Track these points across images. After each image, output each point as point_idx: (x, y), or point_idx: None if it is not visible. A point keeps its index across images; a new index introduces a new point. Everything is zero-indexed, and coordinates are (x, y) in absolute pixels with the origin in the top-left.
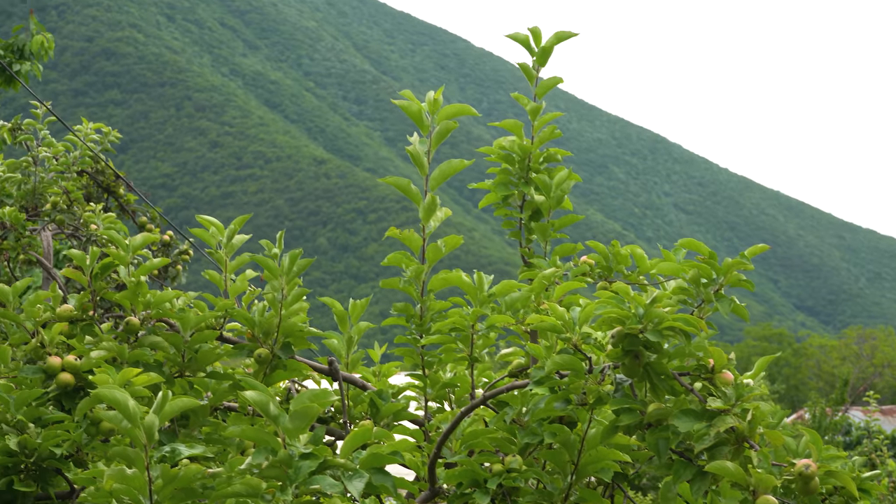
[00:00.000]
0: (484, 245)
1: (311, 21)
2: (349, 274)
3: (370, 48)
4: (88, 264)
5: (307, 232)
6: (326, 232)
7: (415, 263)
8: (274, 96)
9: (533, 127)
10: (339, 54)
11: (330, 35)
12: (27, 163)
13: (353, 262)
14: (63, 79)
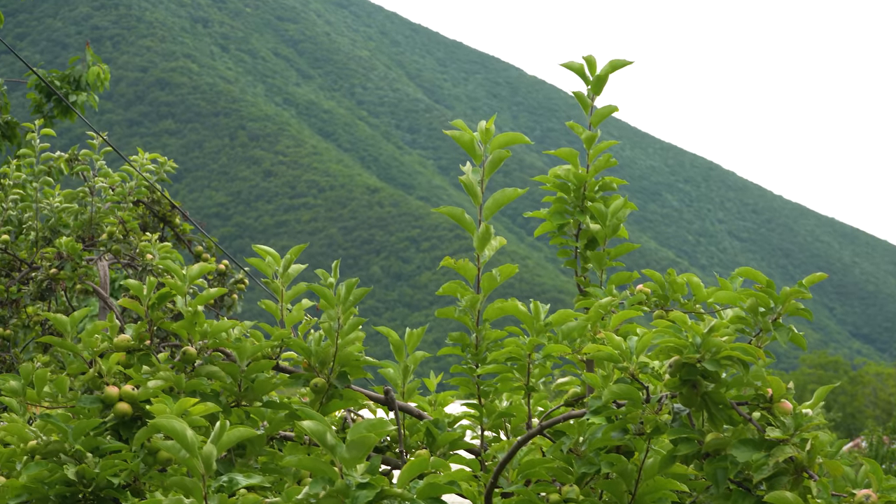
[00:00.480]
0: (538, 273)
1: (364, 50)
2: (403, 302)
3: (423, 77)
4: (145, 294)
5: (361, 260)
6: (380, 260)
7: (470, 293)
8: (327, 125)
9: (588, 155)
10: (392, 83)
11: (383, 64)
12: (84, 193)
13: (407, 291)
14: (118, 109)
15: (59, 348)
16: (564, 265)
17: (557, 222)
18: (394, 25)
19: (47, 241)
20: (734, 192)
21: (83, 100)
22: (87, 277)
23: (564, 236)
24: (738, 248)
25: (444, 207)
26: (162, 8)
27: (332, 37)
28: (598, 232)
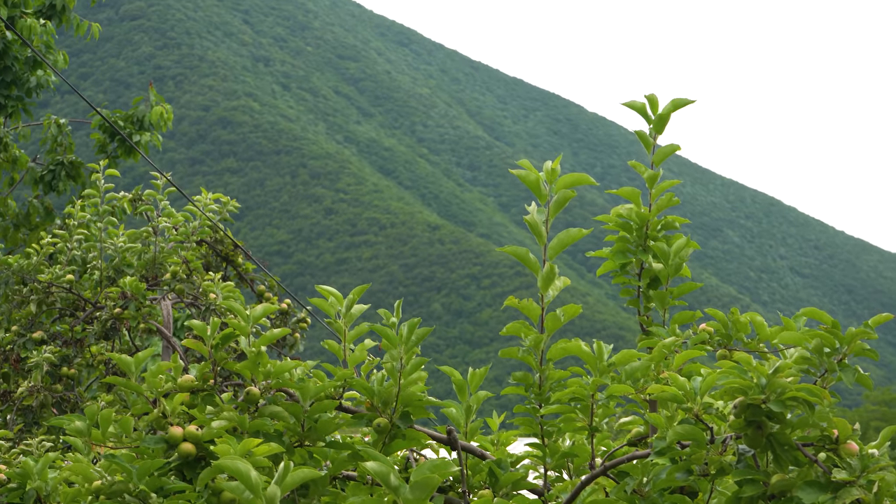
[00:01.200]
0: (598, 310)
1: (425, 88)
2: (463, 339)
3: (483, 114)
4: (209, 335)
5: (421, 298)
6: (441, 297)
7: (534, 333)
8: (388, 163)
9: (650, 194)
10: (452, 120)
11: (443, 102)
12: (147, 233)
13: (468, 328)
14: (180, 147)
15: (124, 388)
16: (627, 304)
17: (620, 261)
18: (454, 63)
19: (111, 281)
20: (796, 227)
21: (147, 139)
22: (151, 317)
23: (627, 275)
24: (800, 285)
25: (508, 247)
26: (224, 47)
27: (392, 75)
28: (661, 271)
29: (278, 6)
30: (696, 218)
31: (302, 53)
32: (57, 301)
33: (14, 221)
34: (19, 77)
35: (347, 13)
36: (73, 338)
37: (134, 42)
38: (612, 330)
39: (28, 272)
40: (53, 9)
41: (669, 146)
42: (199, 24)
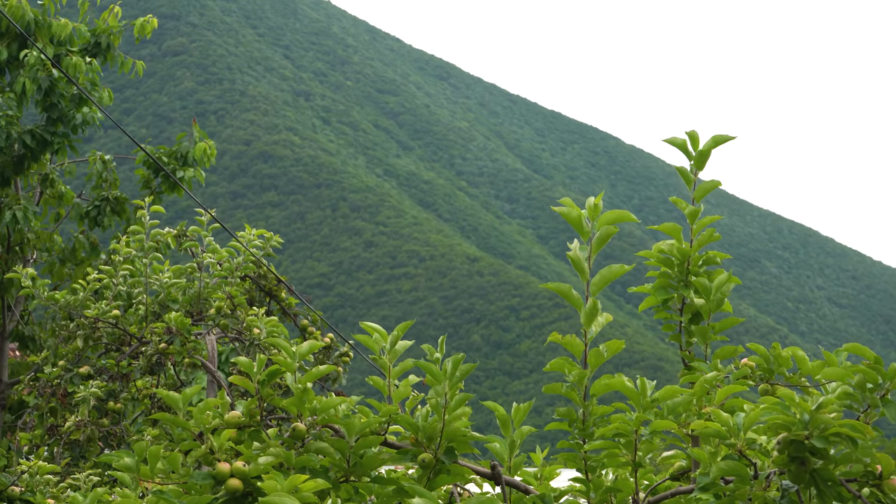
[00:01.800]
0: (637, 341)
1: (464, 122)
2: (503, 370)
3: (522, 147)
4: (255, 371)
5: (461, 329)
6: (480, 329)
7: (577, 368)
8: (427, 196)
9: (692, 230)
10: (490, 153)
11: (482, 135)
12: (192, 269)
13: (507, 359)
14: (222, 181)
15: (172, 424)
16: (669, 339)
17: (662, 297)
18: (493, 97)
19: (157, 316)
20: (833, 258)
21: (190, 175)
22: (196, 352)
23: (669, 310)
24: (837, 315)
25: (552, 284)
26: (265, 82)
27: (431, 109)
28: (703, 306)
29: (318, 41)
30: (734, 249)
31: (342, 88)
32: (103, 336)
33: (60, 257)
34: (65, 114)
35: (386, 48)
36: (119, 372)
37: (176, 77)
38: (650, 361)
39: (75, 307)
40: (98, 47)
41: (710, 182)
42: (240, 59)
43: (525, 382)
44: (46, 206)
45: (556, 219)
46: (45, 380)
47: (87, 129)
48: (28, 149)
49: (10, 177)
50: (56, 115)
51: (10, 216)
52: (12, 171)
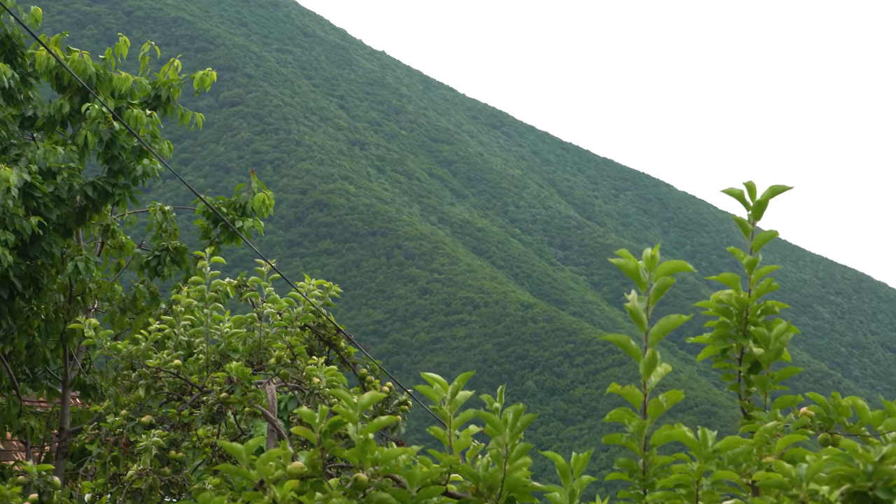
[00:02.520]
0: (691, 386)
1: (517, 169)
2: (557, 416)
3: (574, 194)
4: (317, 422)
5: (515, 375)
6: (534, 375)
7: (637, 419)
8: (481, 243)
9: (749, 280)
10: (544, 201)
11: (535, 182)
12: (252, 319)
13: (561, 405)
14: (278, 230)
15: (234, 475)
16: (728, 388)
17: (721, 347)
18: (545, 144)
19: (217, 366)
20: (886, 303)
21: (249, 225)
22: (256, 401)
23: (728, 360)
24: (891, 360)
25: (611, 335)
26: (320, 132)
27: (485, 157)
28: (762, 356)
29: (373, 91)
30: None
31: (396, 137)
32: (165, 385)
33: (120, 306)
34: (126, 166)
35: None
36: (180, 422)
37: (233, 128)
38: (704, 406)
39: (137, 357)
40: (158, 99)
41: (768, 232)
42: (295, 109)
43: (579, 428)
44: (107, 256)
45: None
46: (108, 429)
47: (147, 180)
48: (90, 200)
49: (73, 228)
50: (117, 167)
51: (73, 267)
52: (74, 223)
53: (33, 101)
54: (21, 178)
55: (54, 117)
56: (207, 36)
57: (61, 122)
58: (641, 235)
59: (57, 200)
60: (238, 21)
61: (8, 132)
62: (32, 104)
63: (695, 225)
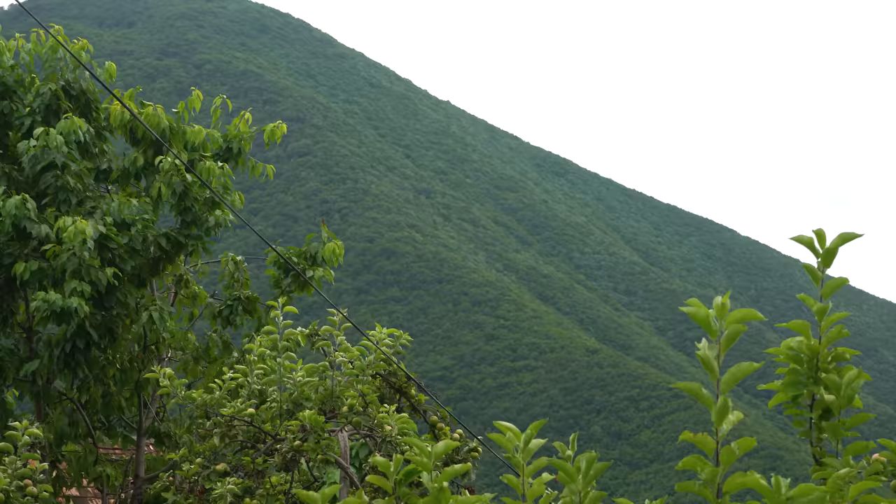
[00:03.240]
0: (756, 430)
1: (581, 217)
2: (623, 461)
3: (638, 240)
4: (392, 471)
5: (581, 420)
6: (600, 420)
7: (709, 466)
8: (546, 289)
9: (820, 326)
10: (608, 247)
11: (599, 229)
12: (325, 367)
13: (627, 450)
14: (346, 278)
15: None
16: (800, 436)
17: (792, 393)
18: (609, 192)
19: (290, 414)
20: None
21: (319, 274)
22: (329, 448)
23: (799, 406)
24: None
25: (682, 383)
26: (387, 181)
27: (549, 204)
28: (833, 402)
29: (438, 141)
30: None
31: (462, 185)
32: (239, 434)
33: (194, 355)
34: (198, 217)
35: (505, 146)
36: (254, 469)
37: (301, 178)
38: (770, 450)
39: (211, 406)
40: (230, 151)
41: (838, 279)
42: (362, 159)
43: (645, 473)
44: (181, 306)
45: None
46: (183, 476)
47: (219, 230)
48: (163, 251)
49: (147, 278)
50: (190, 219)
51: (147, 317)
52: (148, 273)
53: (108, 154)
54: (97, 230)
55: (128, 170)
56: (275, 88)
57: (135, 174)
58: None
59: (131, 252)
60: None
61: (83, 185)
62: (107, 157)
63: (759, 270)
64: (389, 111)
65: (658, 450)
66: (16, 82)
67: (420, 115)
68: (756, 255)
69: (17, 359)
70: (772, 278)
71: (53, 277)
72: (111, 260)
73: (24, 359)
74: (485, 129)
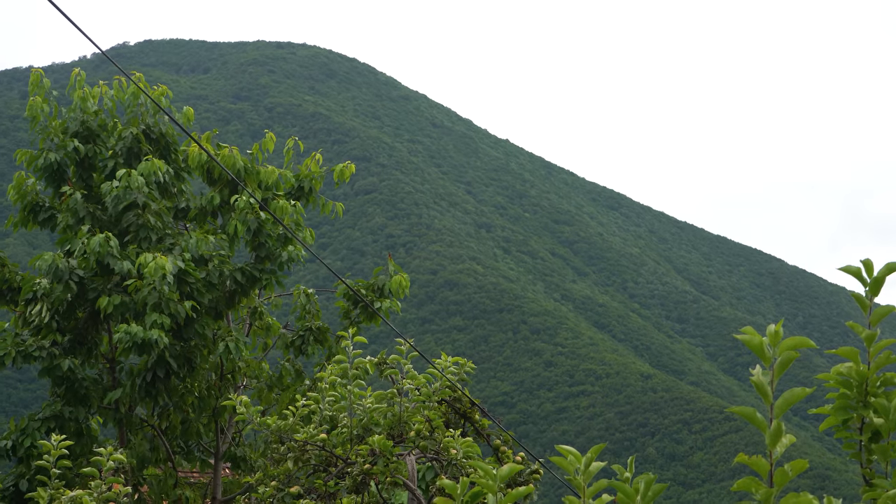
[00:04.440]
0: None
1: (635, 248)
2: (677, 481)
3: (690, 270)
4: (459, 493)
5: (636, 443)
6: (654, 442)
7: (763, 487)
8: (602, 318)
9: (868, 353)
10: (661, 277)
11: (652, 260)
12: (393, 394)
13: (681, 471)
14: (411, 308)
15: None
16: (850, 457)
17: (841, 417)
18: (661, 224)
19: (360, 439)
20: None
21: (387, 306)
22: (397, 471)
23: (848, 430)
24: None
25: (737, 408)
26: (449, 216)
27: (604, 237)
28: (882, 425)
29: (498, 177)
30: None
31: (521, 220)
32: (311, 458)
33: (268, 383)
34: (272, 252)
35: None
36: (326, 492)
37: (368, 214)
38: (818, 470)
39: (285, 432)
40: (301, 190)
41: (886, 307)
42: (426, 195)
43: (699, 492)
44: (255, 336)
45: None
46: (259, 498)
47: (291, 265)
48: (239, 285)
49: (223, 311)
50: (264, 254)
51: (223, 347)
52: (225, 306)
53: (186, 193)
54: (175, 266)
55: (205, 208)
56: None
57: (212, 212)
58: (755, 308)
59: (208, 285)
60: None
61: (163, 223)
62: (185, 197)
63: (806, 297)
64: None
65: (710, 470)
66: (99, 127)
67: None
68: (803, 284)
69: (100, 388)
70: (819, 306)
71: (135, 310)
72: (189, 293)
73: (108, 388)
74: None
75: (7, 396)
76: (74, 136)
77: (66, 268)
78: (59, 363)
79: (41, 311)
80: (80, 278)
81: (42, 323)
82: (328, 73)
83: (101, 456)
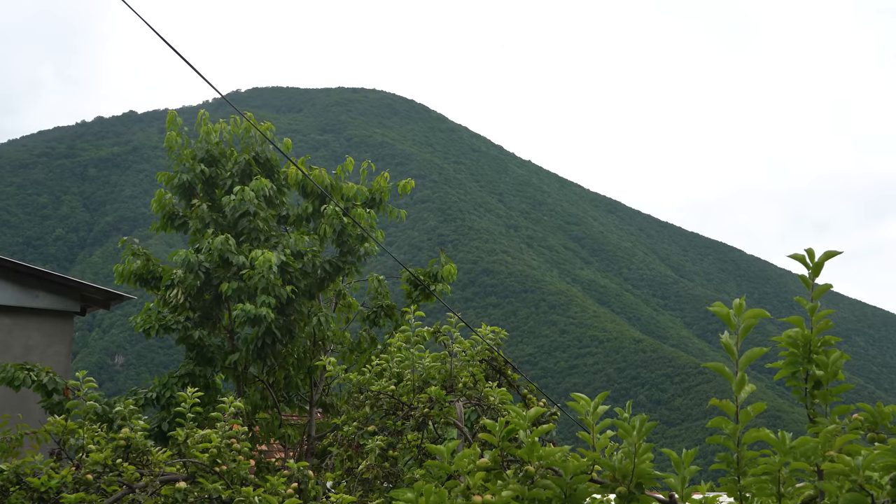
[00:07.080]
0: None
1: (628, 242)
2: (662, 420)
3: (671, 259)
4: (497, 430)
5: (630, 391)
6: (644, 391)
7: (731, 424)
8: (603, 296)
9: (811, 321)
10: (648, 265)
11: (641, 251)
12: (445, 355)
13: (664, 412)
14: (457, 290)
15: (437, 468)
16: (798, 401)
17: (791, 370)
18: (648, 224)
19: (420, 389)
20: None
21: (440, 288)
22: (449, 414)
23: (796, 380)
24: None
25: (710, 363)
26: (486, 220)
27: (604, 234)
28: (822, 377)
29: (522, 190)
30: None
31: (541, 222)
32: (384, 404)
33: (349, 348)
34: (352, 248)
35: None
36: (395, 430)
37: (423, 218)
38: (772, 412)
39: (363, 384)
40: (374, 201)
41: (824, 286)
42: (468, 203)
43: (678, 429)
44: (339, 312)
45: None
46: (343, 435)
47: (367, 258)
48: (327, 273)
49: (315, 293)
50: (346, 249)
51: (316, 321)
52: (316, 289)
53: (286, 204)
54: (279, 259)
55: (301, 215)
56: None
57: (306, 218)
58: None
59: (304, 274)
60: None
61: (269, 227)
62: (286, 206)
63: (760, 279)
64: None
65: (687, 412)
66: (220, 154)
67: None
68: (758, 268)
69: (223, 352)
70: (770, 285)
71: (248, 293)
72: (289, 280)
73: (228, 352)
74: (556, 179)
75: (152, 359)
76: (201, 161)
77: (195, 261)
78: (192, 333)
79: (177, 294)
80: (206, 269)
81: (178, 303)
82: (392, 111)
83: (224, 404)
